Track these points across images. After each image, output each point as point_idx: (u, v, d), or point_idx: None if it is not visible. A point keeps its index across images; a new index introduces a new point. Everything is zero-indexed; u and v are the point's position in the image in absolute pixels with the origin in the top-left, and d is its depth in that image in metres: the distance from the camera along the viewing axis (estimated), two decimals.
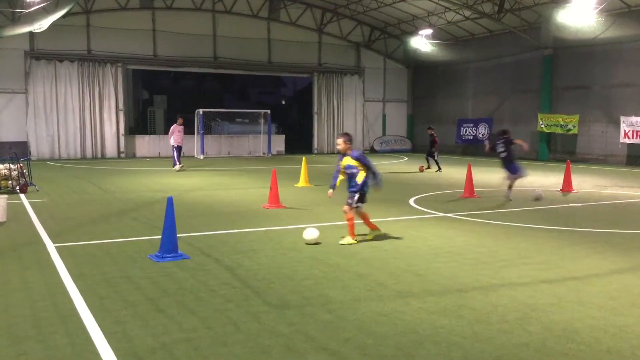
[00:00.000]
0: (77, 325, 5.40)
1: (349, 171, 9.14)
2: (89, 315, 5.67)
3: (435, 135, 23.67)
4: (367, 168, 9.01)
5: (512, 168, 14.32)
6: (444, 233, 10.05)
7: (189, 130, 35.08)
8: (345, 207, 9.12)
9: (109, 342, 4.99)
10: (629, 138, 26.00)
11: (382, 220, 11.49)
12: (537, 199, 13.93)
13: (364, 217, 9.41)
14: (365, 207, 9.37)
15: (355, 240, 9.09)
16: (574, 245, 9.07)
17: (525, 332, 5.27)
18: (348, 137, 9.27)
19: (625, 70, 26.64)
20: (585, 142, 28.57)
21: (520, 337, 5.16)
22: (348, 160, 9.11)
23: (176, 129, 23.61)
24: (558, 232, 10.19)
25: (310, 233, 9.04)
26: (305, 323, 5.49)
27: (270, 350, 4.85)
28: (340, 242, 9.07)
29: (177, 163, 23.36)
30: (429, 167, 23.42)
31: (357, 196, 9.06)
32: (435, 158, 23.21)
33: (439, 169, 22.95)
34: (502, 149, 14.37)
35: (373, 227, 9.51)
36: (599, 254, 8.49)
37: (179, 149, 23.73)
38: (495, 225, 10.91)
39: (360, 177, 9.04)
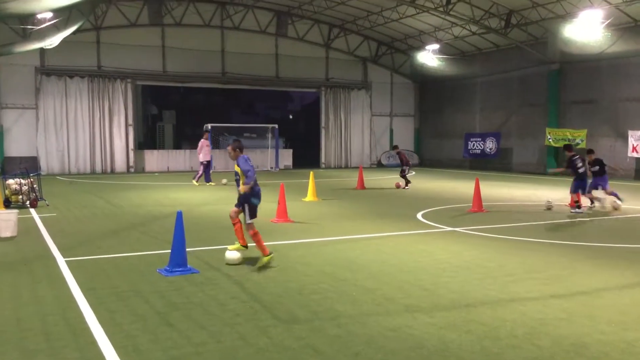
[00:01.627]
0: (88, 339, 5.44)
1: (236, 178, 8.68)
2: (99, 329, 5.71)
3: (402, 153, 23.40)
4: (243, 172, 8.38)
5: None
6: (452, 247, 10.05)
7: (196, 145, 35.41)
8: (245, 226, 8.53)
9: (119, 355, 5.03)
10: (637, 152, 25.91)
11: (390, 234, 11.51)
12: (549, 208, 15.44)
13: (238, 230, 8.80)
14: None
15: (270, 255, 8.54)
16: (583, 260, 9.04)
17: (535, 347, 5.26)
18: (235, 144, 8.70)
19: (632, 84, 26.60)
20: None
21: (529, 351, 5.16)
22: (235, 167, 8.61)
23: (204, 144, 23.51)
24: (567, 247, 10.17)
25: (232, 255, 8.63)
26: (314, 337, 5.51)
27: None
28: (258, 264, 8.46)
29: (210, 180, 23.24)
30: (406, 186, 22.15)
31: (247, 210, 8.51)
32: (406, 173, 22.45)
33: (407, 183, 22.20)
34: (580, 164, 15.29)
35: (243, 242, 8.86)
36: (608, 268, 8.47)
37: (208, 164, 23.59)
38: (503, 239, 10.89)
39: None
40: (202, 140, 23.72)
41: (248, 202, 8.55)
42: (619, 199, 15.39)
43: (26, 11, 21.68)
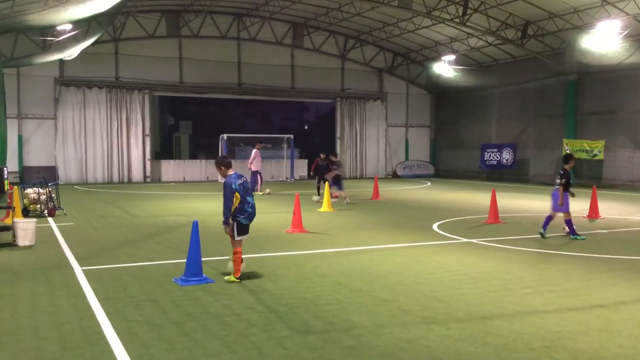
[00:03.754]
0: (104, 348, 5.47)
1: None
2: (116, 338, 5.73)
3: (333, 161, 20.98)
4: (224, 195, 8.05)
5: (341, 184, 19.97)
6: (468, 259, 9.98)
7: (213, 155, 35.61)
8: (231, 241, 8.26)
9: None
10: None
11: (406, 245, 11.46)
12: (318, 201, 18.63)
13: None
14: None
15: (238, 279, 8.11)
16: (601, 273, 8.93)
17: None
18: (219, 161, 8.42)
19: None
20: (612, 167, 28.21)
21: None
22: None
23: (257, 155, 23.70)
24: (584, 259, 10.05)
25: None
26: (329, 349, 5.48)
27: None
28: (225, 278, 8.25)
29: (260, 189, 23.46)
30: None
31: (234, 227, 8.12)
32: (319, 184, 20.90)
33: (319, 195, 20.44)
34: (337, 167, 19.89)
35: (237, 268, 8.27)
36: (627, 281, 8.35)
37: (259, 174, 23.76)
38: (520, 251, 10.80)
39: (233, 206, 8.11)
40: (254, 150, 23.94)
41: (235, 219, 8.17)
42: (570, 233, 12.21)
43: (46, 23, 22.03)
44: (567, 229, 12.35)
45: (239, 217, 8.17)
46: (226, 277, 8.29)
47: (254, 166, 23.53)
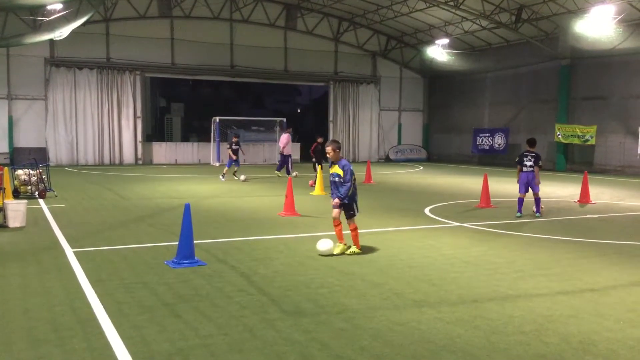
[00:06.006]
0: (95, 330, 5.46)
1: (335, 179, 8.98)
2: (107, 319, 5.72)
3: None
4: (346, 179, 8.80)
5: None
6: (460, 243, 10.02)
7: (205, 137, 35.50)
8: (334, 222, 8.96)
9: (126, 346, 5.04)
10: None
11: (398, 229, 11.49)
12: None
13: (339, 228, 9.00)
14: (356, 217, 9.17)
15: (360, 249, 8.99)
16: (592, 257, 8.99)
17: (542, 344, 5.23)
18: (336, 145, 9.07)
19: None
20: (603, 153, 28.34)
21: (537, 348, 5.13)
22: (335, 169, 8.96)
23: (289, 139, 23.71)
24: (575, 244, 10.12)
25: (325, 244, 8.87)
26: (321, 331, 5.50)
27: (286, 357, 4.87)
28: (348, 252, 8.89)
29: (291, 172, 23.49)
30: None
31: (354, 207, 8.99)
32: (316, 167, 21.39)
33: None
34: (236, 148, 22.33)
35: (343, 241, 9.03)
36: (616, 265, 8.42)
37: (290, 157, 23.83)
38: (511, 235, 10.85)
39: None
40: (285, 134, 23.91)
41: (355, 201, 8.98)
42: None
43: (36, 2, 21.74)
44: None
45: (356, 198, 8.98)
46: (349, 250, 8.88)
47: (286, 150, 23.50)
